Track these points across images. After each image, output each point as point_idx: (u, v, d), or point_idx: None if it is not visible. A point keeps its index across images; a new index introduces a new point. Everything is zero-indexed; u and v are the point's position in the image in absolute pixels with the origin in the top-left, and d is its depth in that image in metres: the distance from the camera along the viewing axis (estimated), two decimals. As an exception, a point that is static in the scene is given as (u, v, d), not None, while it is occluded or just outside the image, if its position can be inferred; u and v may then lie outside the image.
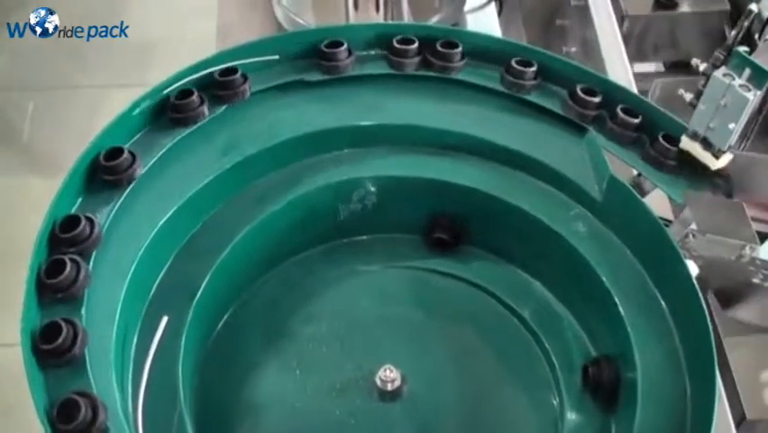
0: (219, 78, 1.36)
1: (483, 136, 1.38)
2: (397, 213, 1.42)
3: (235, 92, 1.36)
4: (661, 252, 1.22)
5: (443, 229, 1.43)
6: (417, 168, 1.39)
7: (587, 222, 1.31)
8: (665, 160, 1.29)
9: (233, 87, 1.36)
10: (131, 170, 1.23)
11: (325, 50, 1.42)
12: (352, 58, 1.43)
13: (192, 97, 1.32)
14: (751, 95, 1.16)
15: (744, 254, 1.21)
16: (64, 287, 1.08)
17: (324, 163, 1.40)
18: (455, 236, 1.43)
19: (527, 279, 1.42)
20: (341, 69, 1.43)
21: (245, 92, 1.36)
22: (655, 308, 1.22)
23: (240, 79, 1.35)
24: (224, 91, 1.36)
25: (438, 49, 1.42)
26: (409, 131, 1.40)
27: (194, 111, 1.32)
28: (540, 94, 1.41)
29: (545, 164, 1.34)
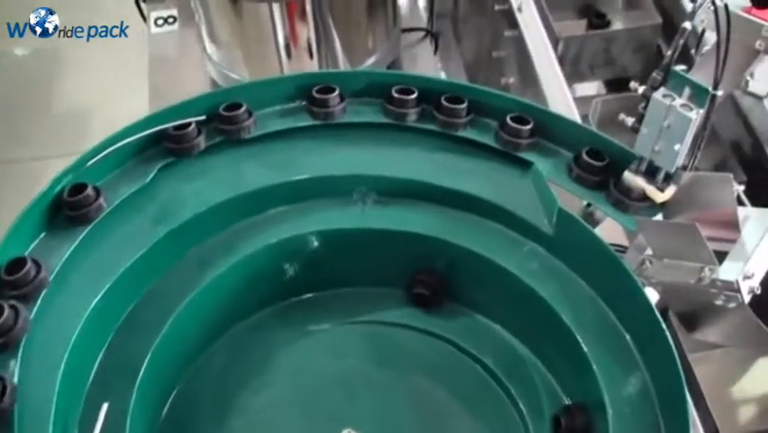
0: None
1: (425, 180, 1.33)
2: (346, 266, 1.37)
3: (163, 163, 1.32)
4: (618, 282, 1.18)
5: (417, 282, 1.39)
6: (361, 219, 1.33)
7: (540, 258, 1.27)
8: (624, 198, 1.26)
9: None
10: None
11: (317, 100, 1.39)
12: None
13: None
14: (693, 114, 1.13)
15: (703, 277, 1.17)
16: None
17: (266, 222, 1.35)
18: (433, 291, 1.38)
19: (488, 324, 1.37)
20: (266, 125, 1.38)
21: (149, 173, 1.31)
22: (619, 342, 1.18)
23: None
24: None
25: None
26: (349, 181, 1.35)
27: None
28: (477, 130, 1.37)
29: (491, 202, 1.30)
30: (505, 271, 1.26)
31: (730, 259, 1.18)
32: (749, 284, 1.16)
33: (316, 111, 1.38)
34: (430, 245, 1.32)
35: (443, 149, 1.37)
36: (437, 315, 1.38)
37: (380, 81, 1.40)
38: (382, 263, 1.35)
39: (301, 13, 1.96)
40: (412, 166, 1.35)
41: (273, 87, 1.39)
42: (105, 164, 1.27)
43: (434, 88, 1.37)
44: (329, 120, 1.38)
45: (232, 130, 1.35)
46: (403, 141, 1.38)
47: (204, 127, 1.35)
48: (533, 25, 1.81)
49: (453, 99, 1.35)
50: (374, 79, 1.41)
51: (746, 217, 1.23)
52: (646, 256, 1.24)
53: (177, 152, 1.32)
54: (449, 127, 1.35)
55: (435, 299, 1.37)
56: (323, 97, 1.37)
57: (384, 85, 1.40)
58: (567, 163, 1.31)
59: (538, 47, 1.77)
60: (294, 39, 2.00)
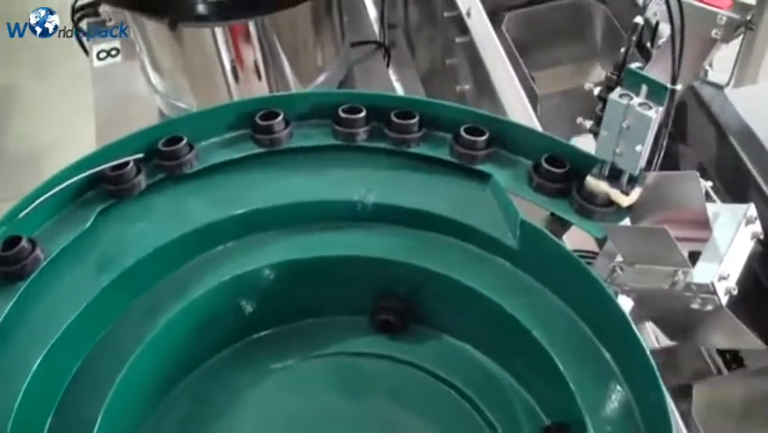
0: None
1: (380, 201, 1.27)
2: (305, 297, 1.31)
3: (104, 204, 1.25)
4: (588, 293, 1.12)
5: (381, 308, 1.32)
6: (317, 247, 1.27)
7: (507, 274, 1.21)
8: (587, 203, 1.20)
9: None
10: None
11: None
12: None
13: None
14: (652, 112, 1.07)
15: (677, 281, 1.11)
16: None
17: (217, 259, 1.28)
18: (398, 316, 1.32)
19: (460, 346, 1.31)
20: (214, 156, 1.32)
21: (89, 218, 1.24)
22: (596, 356, 1.12)
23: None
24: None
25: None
26: (300, 209, 1.28)
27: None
28: (430, 144, 1.31)
29: (450, 219, 1.24)
30: (470, 290, 1.20)
31: (704, 260, 1.13)
32: (725, 285, 1.11)
33: (261, 138, 1.31)
34: (391, 269, 1.26)
35: (396, 167, 1.31)
36: (405, 340, 1.32)
37: (325, 102, 1.34)
38: (342, 291, 1.29)
39: (245, 34, 1.89)
40: (366, 187, 1.29)
41: (213, 117, 1.32)
42: (40, 213, 1.20)
43: (382, 105, 1.31)
44: (275, 146, 1.31)
45: (173, 165, 1.28)
46: (355, 161, 1.31)
47: (144, 165, 1.28)
48: (483, 30, 1.76)
49: (404, 115, 1.29)
50: (318, 100, 1.35)
51: (717, 214, 1.18)
52: (616, 263, 1.18)
53: (116, 194, 1.25)
54: (401, 144, 1.30)
55: (401, 325, 1.30)
56: (267, 123, 1.31)
57: (330, 105, 1.34)
58: (527, 172, 1.25)
59: (490, 52, 1.71)
60: (240, 62, 1.94)
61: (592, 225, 1.18)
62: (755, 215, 1.16)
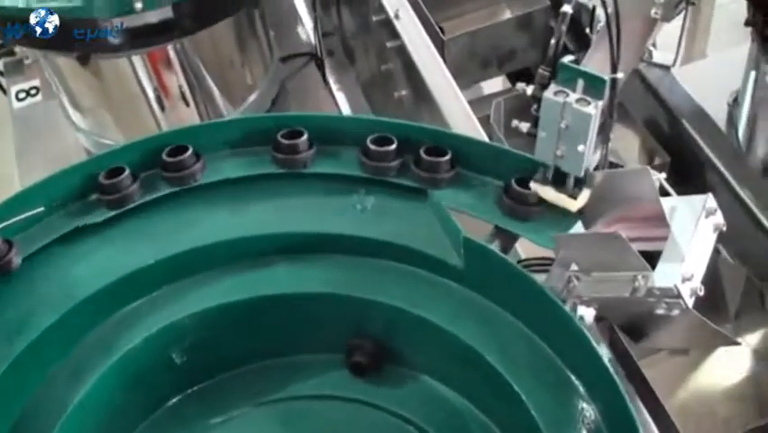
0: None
1: (313, 230, 1.18)
2: (245, 341, 1.20)
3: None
4: (542, 310, 1.03)
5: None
6: (247, 287, 1.16)
7: (455, 296, 1.11)
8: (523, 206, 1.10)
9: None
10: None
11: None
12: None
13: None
14: (592, 108, 0.98)
15: (638, 287, 1.02)
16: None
17: (141, 310, 1.17)
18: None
19: (418, 378, 1.21)
20: (127, 199, 1.20)
21: (11, 261, 1.11)
22: (559, 378, 1.03)
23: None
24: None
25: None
26: (227, 247, 1.18)
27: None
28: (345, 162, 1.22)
29: (388, 243, 1.15)
30: (418, 318, 1.11)
31: (664, 260, 1.03)
32: (690, 286, 1.01)
33: (171, 177, 1.20)
34: (332, 304, 1.16)
35: (320, 192, 1.21)
36: (354, 376, 1.21)
37: (245, 130, 1.24)
38: (279, 332, 1.20)
39: (165, 60, 1.79)
40: (294, 217, 1.19)
41: (117, 159, 1.21)
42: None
43: (269, 127, 1.22)
44: (187, 184, 1.20)
45: (114, 201, 1.20)
46: (283, 191, 1.21)
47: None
48: (414, 32, 1.66)
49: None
50: (235, 130, 1.24)
51: (673, 209, 1.09)
52: (572, 273, 1.09)
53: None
54: (293, 165, 1.21)
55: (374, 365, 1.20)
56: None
57: (256, 133, 1.24)
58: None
59: (422, 54, 1.61)
60: (164, 90, 1.83)
61: (541, 236, 1.08)
62: (715, 206, 1.06)
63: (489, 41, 1.80)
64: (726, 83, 1.73)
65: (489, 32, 1.79)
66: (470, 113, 1.49)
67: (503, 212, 1.12)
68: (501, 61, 1.89)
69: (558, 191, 1.07)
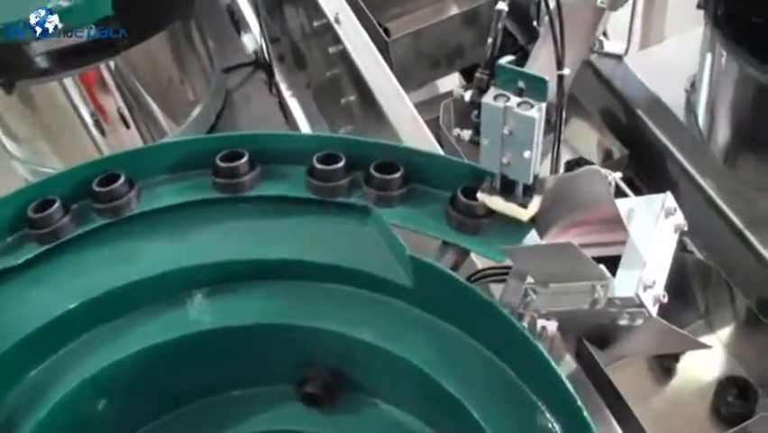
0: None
1: (253, 257, 1.10)
2: (182, 383, 1.13)
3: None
4: (496, 327, 0.96)
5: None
6: (186, 323, 1.09)
7: (405, 317, 1.04)
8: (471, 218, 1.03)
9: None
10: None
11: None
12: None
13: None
14: (535, 111, 0.91)
15: (597, 298, 0.95)
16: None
17: (77, 351, 1.09)
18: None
19: (370, 401, 1.14)
20: (58, 233, 1.12)
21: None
22: (519, 399, 0.96)
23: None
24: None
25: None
26: (169, 280, 1.10)
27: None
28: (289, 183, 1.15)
29: (333, 265, 1.08)
30: (367, 344, 1.03)
31: (624, 268, 0.97)
32: (652, 294, 0.95)
33: (103, 208, 1.12)
34: (274, 334, 1.08)
35: (264, 215, 1.13)
36: (309, 408, 1.14)
37: (181, 153, 1.17)
38: (223, 366, 1.13)
39: (100, 82, 1.71)
40: (235, 244, 1.11)
41: (46, 190, 1.13)
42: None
43: (206, 149, 1.14)
44: (121, 214, 1.13)
45: (44, 235, 1.12)
46: (211, 216, 1.14)
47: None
48: (355, 36, 1.59)
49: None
50: (170, 154, 1.17)
51: (631, 211, 1.02)
52: (528, 285, 1.02)
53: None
54: (234, 190, 1.13)
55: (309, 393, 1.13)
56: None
57: (194, 156, 1.17)
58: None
59: (366, 59, 1.54)
60: (101, 112, 1.75)
61: (491, 249, 1.01)
62: (674, 205, 1.00)
63: (436, 39, 1.73)
64: (683, 68, 1.68)
65: (434, 30, 1.72)
66: (418, 117, 1.42)
67: (451, 226, 1.04)
68: (450, 59, 1.82)
69: (507, 200, 1.00)
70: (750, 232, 1.26)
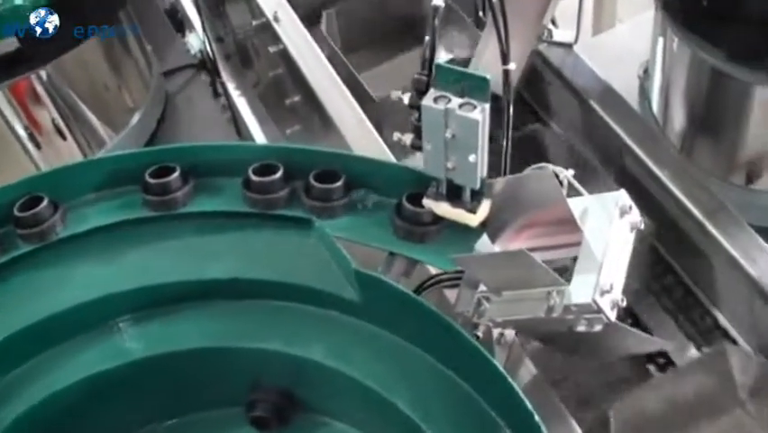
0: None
1: (187, 278, 1.03)
2: (122, 413, 1.07)
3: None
4: (448, 341, 0.91)
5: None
6: (120, 352, 1.03)
7: (352, 333, 0.99)
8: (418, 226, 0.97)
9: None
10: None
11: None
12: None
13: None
14: (478, 113, 0.86)
15: (553, 305, 0.90)
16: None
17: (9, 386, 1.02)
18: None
19: (323, 421, 1.10)
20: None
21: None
22: (475, 415, 0.91)
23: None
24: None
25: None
26: (98, 307, 1.04)
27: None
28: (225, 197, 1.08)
29: (273, 282, 1.02)
30: (314, 363, 0.97)
31: (579, 272, 0.92)
32: (610, 298, 0.90)
33: (27, 233, 1.05)
34: (215, 357, 1.02)
35: (200, 232, 1.07)
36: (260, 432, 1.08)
37: (108, 171, 1.10)
38: (166, 393, 1.07)
39: (31, 92, 1.62)
40: (168, 265, 1.05)
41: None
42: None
43: (136, 165, 1.08)
44: (47, 240, 1.05)
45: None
46: (144, 236, 1.08)
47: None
48: (295, 34, 1.52)
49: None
50: (96, 172, 1.10)
51: (585, 211, 0.97)
52: (481, 294, 0.97)
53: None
54: (166, 207, 1.06)
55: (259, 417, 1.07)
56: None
57: (122, 172, 1.10)
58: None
59: (307, 58, 1.48)
60: (35, 125, 1.67)
61: (440, 258, 0.96)
62: (629, 203, 0.95)
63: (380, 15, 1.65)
64: (636, 54, 1.64)
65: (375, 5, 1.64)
66: (363, 117, 1.36)
67: (398, 235, 0.99)
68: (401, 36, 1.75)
69: (455, 206, 0.95)
70: (710, 223, 1.22)
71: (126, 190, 1.12)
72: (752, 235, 1.20)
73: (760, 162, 1.41)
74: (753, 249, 1.19)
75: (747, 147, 1.40)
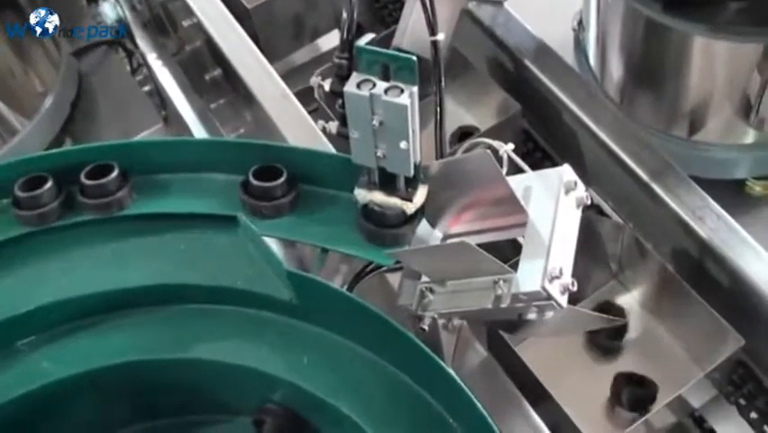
0: None
1: (111, 287, 0.96)
2: None
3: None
4: (390, 339, 0.86)
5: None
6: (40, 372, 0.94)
7: (286, 334, 0.93)
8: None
9: None
10: None
11: None
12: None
13: None
14: (405, 97, 0.79)
15: (501, 295, 0.85)
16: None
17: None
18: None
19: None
20: None
21: None
22: (427, 419, 0.85)
23: None
24: None
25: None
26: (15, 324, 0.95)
27: None
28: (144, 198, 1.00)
29: (209, 286, 0.94)
30: (247, 369, 0.91)
31: (526, 257, 0.86)
32: (560, 283, 0.85)
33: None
34: (147, 371, 0.95)
35: (112, 238, 0.98)
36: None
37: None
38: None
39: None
40: (94, 274, 0.96)
41: None
42: None
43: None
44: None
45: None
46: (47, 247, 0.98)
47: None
48: (209, 7, 1.43)
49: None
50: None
51: (529, 189, 0.92)
52: (424, 285, 0.91)
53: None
54: (106, 209, 0.97)
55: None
56: None
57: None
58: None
59: (224, 32, 1.39)
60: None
61: (376, 253, 0.90)
62: (574, 177, 0.90)
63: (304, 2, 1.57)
64: (569, 5, 1.57)
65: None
66: (289, 93, 1.29)
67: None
68: (325, 24, 1.66)
69: (389, 195, 0.88)
70: (656, 183, 1.17)
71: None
72: (700, 194, 1.16)
73: (701, 114, 1.37)
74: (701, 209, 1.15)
75: (688, 98, 1.35)
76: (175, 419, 1.05)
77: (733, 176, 1.39)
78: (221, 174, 1.00)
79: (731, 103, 1.33)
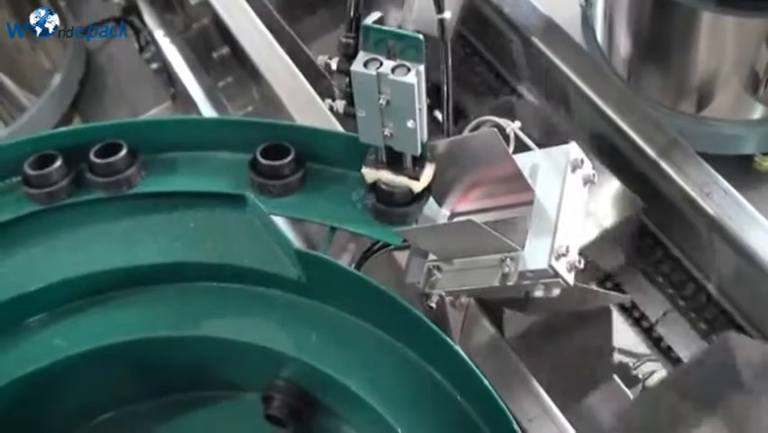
0: None
1: (124, 264, 0.96)
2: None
3: None
4: (401, 319, 0.86)
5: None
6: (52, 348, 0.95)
7: (298, 313, 0.93)
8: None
9: None
10: None
11: None
12: None
13: None
14: (412, 76, 0.79)
15: (508, 273, 0.85)
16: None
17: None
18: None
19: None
20: None
21: None
22: (439, 400, 0.86)
23: None
24: None
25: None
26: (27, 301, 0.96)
27: None
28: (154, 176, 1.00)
29: (221, 264, 0.95)
30: (255, 347, 0.92)
31: (533, 235, 0.87)
32: (567, 261, 0.85)
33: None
34: (159, 348, 0.96)
35: (122, 216, 0.99)
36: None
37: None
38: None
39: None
40: (104, 252, 0.97)
41: None
42: None
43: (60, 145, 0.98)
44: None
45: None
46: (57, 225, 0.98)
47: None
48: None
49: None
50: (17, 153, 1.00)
51: (536, 167, 0.92)
52: (431, 263, 0.91)
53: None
54: (115, 187, 0.97)
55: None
56: None
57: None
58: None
59: (231, 9, 1.38)
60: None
61: (384, 231, 0.90)
62: (581, 155, 0.90)
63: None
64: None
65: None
66: (297, 72, 1.28)
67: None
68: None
69: (396, 173, 0.88)
70: (663, 160, 1.17)
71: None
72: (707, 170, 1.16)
73: (709, 89, 1.36)
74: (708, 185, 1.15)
75: (696, 74, 1.35)
76: (184, 395, 1.06)
77: (741, 152, 1.39)
78: (229, 152, 1.00)
79: (739, 78, 1.32)
